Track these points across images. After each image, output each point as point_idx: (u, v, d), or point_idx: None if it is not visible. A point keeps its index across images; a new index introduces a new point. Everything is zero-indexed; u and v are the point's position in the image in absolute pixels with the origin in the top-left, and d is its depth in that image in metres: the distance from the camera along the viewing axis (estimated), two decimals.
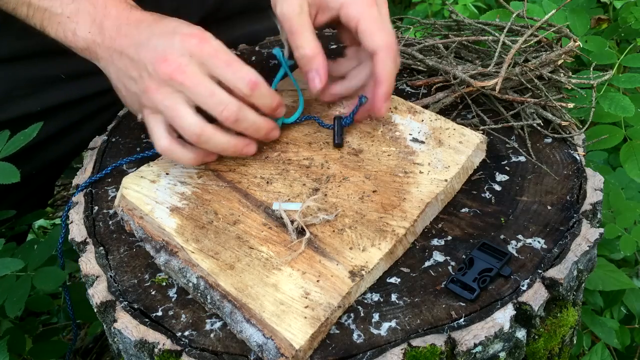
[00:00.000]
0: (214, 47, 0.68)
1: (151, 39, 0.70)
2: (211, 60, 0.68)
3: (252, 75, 0.69)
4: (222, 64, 0.68)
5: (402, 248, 0.67)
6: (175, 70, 0.67)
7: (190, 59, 0.67)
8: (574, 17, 1.07)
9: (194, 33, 0.69)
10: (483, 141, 0.77)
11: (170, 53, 0.68)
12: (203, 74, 0.68)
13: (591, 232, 0.68)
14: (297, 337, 0.57)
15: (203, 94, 0.67)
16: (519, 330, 0.63)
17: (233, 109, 0.68)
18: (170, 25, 0.71)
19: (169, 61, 0.67)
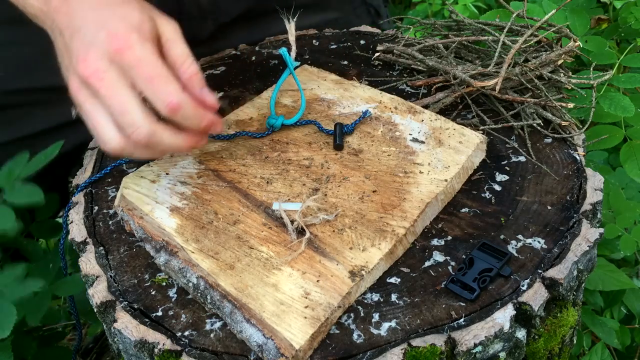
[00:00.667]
0: (138, 56, 0.61)
1: (83, 27, 0.63)
2: (132, 70, 0.61)
3: (174, 97, 0.61)
4: (143, 77, 0.61)
5: (402, 248, 0.67)
6: (92, 75, 0.60)
7: (110, 64, 0.61)
8: (574, 17, 1.07)
9: (119, 34, 0.61)
10: (483, 141, 0.77)
11: (91, 53, 0.61)
12: (121, 84, 0.61)
13: (591, 232, 0.68)
14: (297, 337, 0.57)
15: (115, 109, 0.61)
16: (519, 330, 0.63)
17: (142, 133, 0.61)
18: (105, 14, 0.63)
19: (88, 62, 0.61)
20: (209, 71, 1.01)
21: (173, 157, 0.78)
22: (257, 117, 0.85)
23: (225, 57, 1.05)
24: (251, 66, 1.02)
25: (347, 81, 0.91)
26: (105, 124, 0.62)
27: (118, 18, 0.63)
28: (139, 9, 0.65)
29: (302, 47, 1.06)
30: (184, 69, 0.64)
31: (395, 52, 0.97)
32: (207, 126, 0.65)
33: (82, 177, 0.83)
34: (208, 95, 0.65)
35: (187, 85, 0.64)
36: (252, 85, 0.97)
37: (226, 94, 0.95)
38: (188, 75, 0.64)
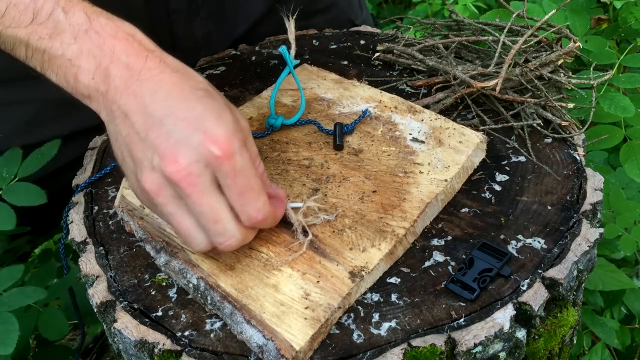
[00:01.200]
0: (236, 167, 0.57)
1: (166, 120, 0.57)
2: (227, 180, 0.57)
3: (260, 213, 0.59)
4: (236, 189, 0.57)
5: (402, 248, 0.67)
6: (184, 178, 0.56)
7: (205, 169, 0.56)
8: (574, 17, 1.07)
9: (220, 140, 0.56)
10: (483, 141, 0.77)
11: (184, 154, 0.55)
12: (212, 190, 0.57)
13: (591, 232, 0.68)
14: (297, 338, 0.57)
15: (207, 217, 0.57)
16: (519, 330, 0.63)
17: (234, 244, 0.59)
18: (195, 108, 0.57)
19: (180, 165, 0.55)
20: (209, 71, 1.01)
21: None
22: (256, 116, 0.85)
23: (225, 57, 1.05)
24: (251, 66, 1.02)
25: (347, 80, 0.91)
26: (193, 228, 0.59)
27: (214, 118, 0.57)
28: (227, 105, 0.60)
29: (302, 47, 1.06)
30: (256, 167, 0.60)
31: (395, 52, 0.97)
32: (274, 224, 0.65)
33: (82, 177, 0.83)
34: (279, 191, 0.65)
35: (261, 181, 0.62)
36: (252, 85, 0.96)
37: (226, 94, 0.95)
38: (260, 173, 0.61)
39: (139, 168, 0.58)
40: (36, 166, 0.78)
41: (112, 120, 0.60)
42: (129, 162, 0.60)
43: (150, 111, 0.58)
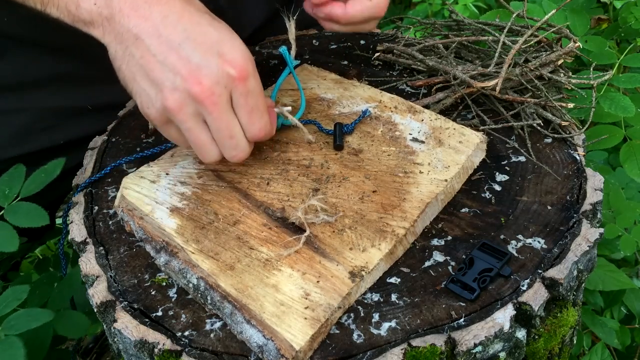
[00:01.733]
0: (248, 88, 0.64)
1: (184, 45, 0.62)
2: (241, 99, 0.64)
3: (261, 133, 0.68)
4: (247, 107, 0.65)
5: (402, 248, 0.67)
6: (208, 98, 0.62)
7: (224, 89, 0.63)
8: (574, 17, 1.07)
9: (238, 63, 0.63)
10: (483, 141, 0.77)
11: (206, 76, 0.62)
12: (229, 109, 0.64)
13: (591, 232, 0.68)
14: (297, 338, 0.57)
15: (223, 132, 0.65)
16: (519, 330, 0.63)
17: (242, 157, 0.68)
18: (211, 34, 0.63)
19: (204, 86, 0.61)
20: None
21: (173, 157, 0.78)
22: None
23: None
24: None
25: (347, 80, 0.91)
26: (209, 143, 0.66)
27: (230, 43, 0.63)
28: (232, 31, 0.66)
29: (302, 47, 1.06)
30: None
31: (395, 52, 0.97)
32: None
33: (82, 177, 0.83)
34: (269, 101, 0.73)
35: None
36: None
37: None
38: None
39: (160, 88, 0.62)
40: (39, 185, 0.77)
41: (121, 42, 0.64)
42: (143, 83, 0.64)
43: (166, 34, 0.62)
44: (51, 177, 0.78)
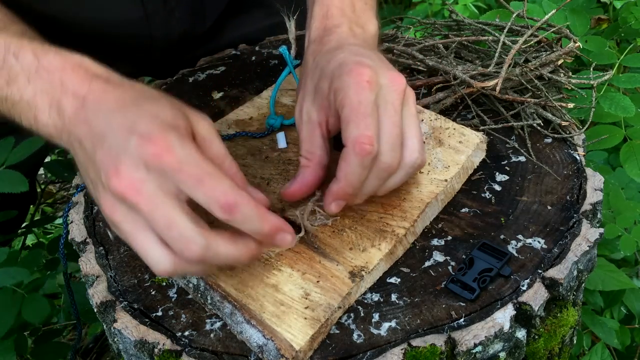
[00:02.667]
0: (179, 158, 0.52)
1: (107, 135, 0.54)
2: (176, 175, 0.52)
3: (230, 196, 0.52)
4: (190, 180, 0.52)
5: (402, 248, 0.67)
6: (127, 188, 0.52)
7: (148, 172, 0.52)
8: (574, 17, 1.07)
9: (154, 136, 0.52)
10: (483, 141, 0.77)
11: (123, 162, 0.52)
12: (162, 194, 0.52)
13: (591, 232, 0.68)
14: (297, 338, 0.57)
15: (159, 223, 0.52)
16: (519, 330, 0.63)
17: (194, 249, 0.52)
18: (130, 115, 0.55)
19: (120, 175, 0.52)
20: (209, 71, 1.01)
21: None
22: (257, 116, 0.85)
23: (225, 57, 1.05)
24: (251, 66, 1.02)
25: None
26: (150, 245, 0.54)
27: (148, 117, 0.54)
28: (169, 104, 0.57)
29: (302, 47, 1.05)
30: (225, 168, 0.57)
31: (395, 52, 0.97)
32: (271, 231, 0.55)
33: None
34: (256, 193, 0.60)
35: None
36: (252, 85, 0.96)
37: (226, 94, 0.95)
38: (230, 175, 0.57)
39: (97, 192, 0.56)
40: (25, 154, 0.78)
41: (73, 151, 0.59)
42: (91, 189, 0.58)
43: (96, 131, 0.56)
44: (36, 147, 0.78)
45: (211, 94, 0.96)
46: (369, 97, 0.60)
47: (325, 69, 0.65)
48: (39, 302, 0.82)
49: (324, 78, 0.65)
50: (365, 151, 0.59)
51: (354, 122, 0.59)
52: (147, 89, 0.60)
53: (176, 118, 0.55)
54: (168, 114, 0.55)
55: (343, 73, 0.62)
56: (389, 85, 0.62)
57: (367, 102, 0.60)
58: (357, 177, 0.61)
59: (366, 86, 0.60)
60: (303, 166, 0.66)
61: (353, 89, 0.60)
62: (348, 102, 0.60)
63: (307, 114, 0.66)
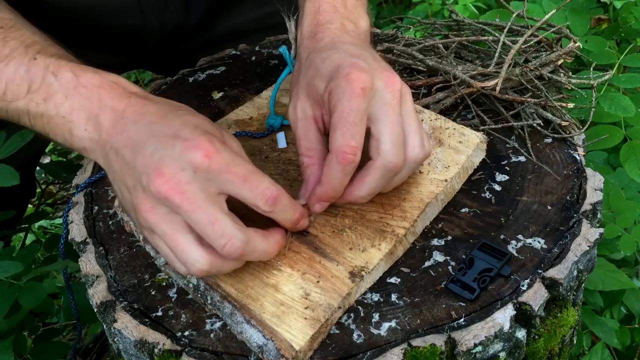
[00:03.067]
0: (226, 159, 0.56)
1: (149, 142, 0.58)
2: (222, 175, 0.56)
3: (273, 190, 0.57)
4: (237, 179, 0.56)
5: (402, 248, 0.67)
6: (171, 189, 0.55)
7: (194, 175, 0.55)
8: (574, 17, 1.07)
9: (201, 142, 0.56)
10: (483, 141, 0.77)
11: (167, 165, 0.55)
12: (206, 195, 0.56)
13: (591, 232, 0.68)
14: (297, 338, 0.57)
15: (202, 222, 0.55)
16: (519, 330, 0.63)
17: (237, 244, 0.56)
18: (173, 124, 0.59)
19: (166, 176, 0.55)
20: (209, 71, 1.01)
21: None
22: (257, 116, 0.85)
23: (225, 57, 1.05)
24: (251, 66, 1.02)
25: None
26: (189, 245, 0.56)
27: (191, 126, 0.58)
28: (206, 119, 0.61)
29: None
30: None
31: (395, 52, 0.97)
32: (299, 217, 0.63)
33: (82, 177, 0.83)
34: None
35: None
36: (252, 85, 0.97)
37: (226, 94, 0.95)
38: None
39: (134, 195, 0.58)
40: (15, 147, 0.79)
41: (108, 162, 0.62)
42: (126, 195, 0.60)
43: (136, 139, 0.59)
44: (26, 140, 0.79)
45: (211, 94, 0.96)
46: (361, 105, 0.61)
47: (321, 68, 0.66)
48: (35, 289, 0.82)
49: (319, 77, 0.65)
50: (346, 160, 0.61)
51: (340, 130, 0.61)
52: (183, 106, 0.64)
53: (214, 130, 0.59)
54: (207, 124, 0.60)
55: (339, 76, 0.63)
56: (385, 87, 0.63)
57: (358, 111, 0.61)
58: (339, 182, 0.63)
59: (360, 94, 0.61)
60: (307, 165, 0.66)
61: (347, 95, 0.61)
62: (340, 108, 0.61)
63: (302, 110, 0.67)
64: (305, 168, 0.67)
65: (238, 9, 1.14)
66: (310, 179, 0.66)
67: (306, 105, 0.67)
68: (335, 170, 0.62)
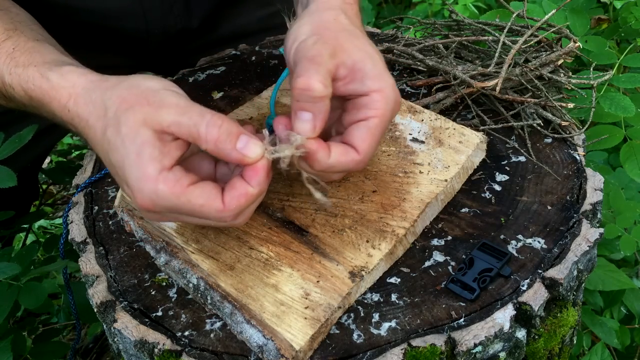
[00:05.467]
0: (164, 206, 0.56)
1: (107, 160, 0.60)
2: (173, 211, 0.58)
3: (227, 215, 0.57)
4: (186, 214, 0.58)
5: (402, 248, 0.67)
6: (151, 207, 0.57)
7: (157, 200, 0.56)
8: (574, 17, 1.07)
9: (136, 197, 0.56)
10: (483, 141, 0.77)
11: (136, 192, 0.56)
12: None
13: (591, 232, 0.68)
14: (297, 338, 0.57)
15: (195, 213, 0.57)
16: (519, 330, 0.63)
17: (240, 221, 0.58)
18: (113, 162, 0.58)
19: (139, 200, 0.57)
20: (208, 71, 1.01)
21: None
22: (257, 117, 0.85)
23: (225, 57, 1.05)
24: (251, 66, 1.02)
25: None
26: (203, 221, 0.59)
27: (121, 168, 0.57)
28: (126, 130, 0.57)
29: None
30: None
31: (395, 52, 0.97)
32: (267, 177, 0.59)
33: (82, 177, 0.83)
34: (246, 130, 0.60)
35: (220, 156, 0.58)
36: (252, 85, 0.97)
37: (226, 94, 0.95)
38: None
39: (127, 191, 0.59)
40: (13, 149, 0.79)
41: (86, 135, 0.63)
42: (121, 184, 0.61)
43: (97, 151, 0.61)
44: (23, 142, 0.79)
45: (211, 94, 0.96)
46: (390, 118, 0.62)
47: (358, 40, 0.63)
48: (35, 289, 0.82)
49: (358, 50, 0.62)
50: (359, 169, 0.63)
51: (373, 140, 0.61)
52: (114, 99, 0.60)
53: (141, 156, 0.56)
54: (132, 157, 0.56)
55: (390, 86, 0.62)
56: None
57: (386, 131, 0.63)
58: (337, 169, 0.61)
59: (394, 116, 0.63)
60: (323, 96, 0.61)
61: (389, 115, 0.62)
62: (382, 119, 0.61)
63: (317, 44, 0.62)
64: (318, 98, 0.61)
65: (241, 10, 1.14)
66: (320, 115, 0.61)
67: (340, 56, 0.62)
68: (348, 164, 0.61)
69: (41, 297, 0.82)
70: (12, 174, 0.76)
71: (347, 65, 0.61)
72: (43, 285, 0.83)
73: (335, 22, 0.65)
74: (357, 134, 0.61)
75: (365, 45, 0.64)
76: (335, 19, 0.66)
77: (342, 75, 0.62)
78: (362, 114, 0.61)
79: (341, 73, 0.62)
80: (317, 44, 0.61)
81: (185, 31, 1.07)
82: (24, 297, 0.82)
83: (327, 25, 0.65)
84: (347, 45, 0.62)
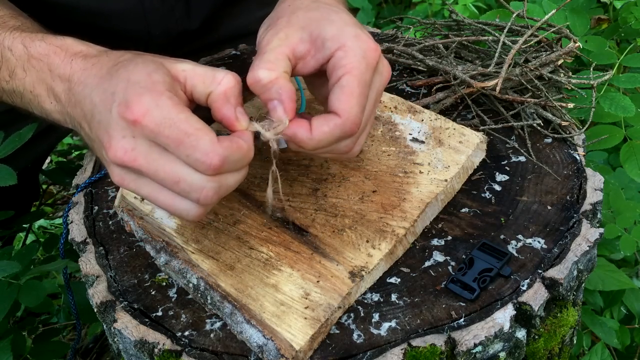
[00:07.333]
0: (156, 120, 0.53)
1: (95, 111, 0.57)
2: (158, 138, 0.53)
3: (211, 156, 0.53)
4: (171, 143, 0.53)
5: (402, 248, 0.67)
6: (124, 157, 0.54)
7: (135, 139, 0.54)
8: (574, 17, 1.07)
9: (129, 102, 0.53)
10: (483, 141, 0.77)
11: (112, 135, 0.54)
12: (158, 153, 0.54)
13: (591, 232, 0.68)
14: (297, 338, 0.57)
15: (167, 181, 0.54)
16: (519, 330, 0.63)
17: (208, 193, 0.54)
18: (110, 85, 0.56)
19: (113, 147, 0.54)
20: None
21: None
22: (257, 117, 0.85)
23: (225, 57, 1.05)
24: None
25: None
26: (172, 200, 0.56)
27: (122, 84, 0.55)
28: (142, 61, 0.58)
29: None
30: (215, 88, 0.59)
31: (395, 52, 0.97)
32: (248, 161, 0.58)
33: (82, 177, 0.83)
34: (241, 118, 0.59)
35: (218, 108, 0.58)
36: None
37: None
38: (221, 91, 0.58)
39: (107, 167, 0.58)
40: (12, 147, 0.79)
41: (79, 132, 0.62)
42: (100, 158, 0.60)
43: (85, 110, 0.58)
44: (23, 140, 0.79)
45: None
46: (370, 79, 0.61)
47: (318, 11, 0.63)
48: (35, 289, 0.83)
49: (314, 20, 0.62)
50: (351, 132, 0.59)
51: (350, 97, 0.58)
52: (122, 54, 0.61)
53: (149, 74, 0.56)
54: (142, 75, 0.56)
55: (351, 37, 0.60)
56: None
57: (367, 84, 0.60)
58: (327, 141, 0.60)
59: (372, 66, 0.60)
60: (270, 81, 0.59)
61: (362, 65, 0.59)
62: (353, 72, 0.59)
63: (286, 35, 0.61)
64: (269, 83, 0.59)
65: (241, 10, 1.14)
66: (283, 96, 0.59)
67: (294, 35, 0.62)
68: (332, 132, 0.59)
69: (41, 295, 0.82)
70: (12, 172, 0.76)
71: (305, 40, 0.61)
72: (43, 284, 0.83)
73: (290, 6, 0.65)
74: (333, 97, 0.59)
75: (324, 13, 0.62)
76: (291, 3, 0.66)
77: (304, 51, 0.61)
78: (334, 77, 0.60)
79: (301, 50, 0.61)
80: (264, 37, 0.62)
81: (186, 32, 1.07)
82: (23, 296, 0.82)
83: (281, 13, 0.65)
84: (303, 22, 0.62)
